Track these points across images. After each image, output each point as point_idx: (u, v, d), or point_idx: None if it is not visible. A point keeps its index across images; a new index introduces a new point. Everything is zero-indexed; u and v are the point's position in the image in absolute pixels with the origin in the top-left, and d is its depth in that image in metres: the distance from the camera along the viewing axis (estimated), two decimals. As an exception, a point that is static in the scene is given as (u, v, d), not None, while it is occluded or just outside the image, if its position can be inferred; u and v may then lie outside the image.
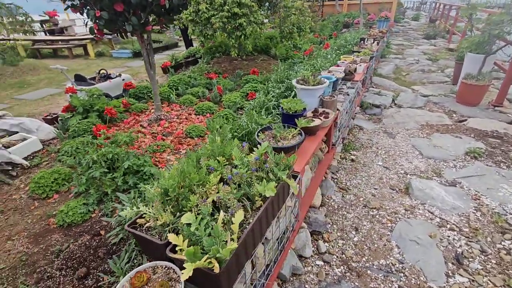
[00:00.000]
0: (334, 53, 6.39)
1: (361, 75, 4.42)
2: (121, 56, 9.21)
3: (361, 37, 7.33)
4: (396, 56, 8.89)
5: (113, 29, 3.01)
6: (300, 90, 2.83)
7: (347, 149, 3.68)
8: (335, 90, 3.78)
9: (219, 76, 5.92)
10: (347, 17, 11.85)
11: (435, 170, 3.18)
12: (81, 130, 3.37)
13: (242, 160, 1.53)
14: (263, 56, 7.39)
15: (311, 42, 9.51)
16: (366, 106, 4.90)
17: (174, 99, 4.64)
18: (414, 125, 4.30)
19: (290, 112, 2.54)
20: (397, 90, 5.81)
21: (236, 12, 4.85)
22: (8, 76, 6.71)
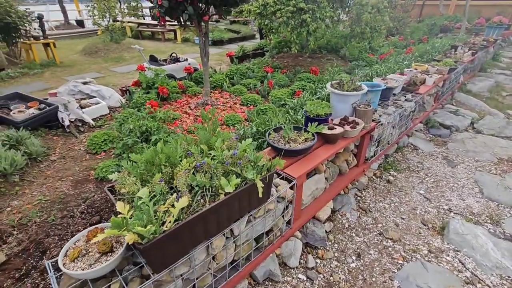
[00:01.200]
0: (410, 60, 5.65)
1: (429, 88, 3.82)
2: (201, 43, 10.10)
3: (453, 44, 6.26)
4: (502, 72, 7.25)
5: (174, 16, 3.34)
6: (333, 94, 2.64)
7: (386, 167, 3.27)
8: (388, 100, 3.38)
9: (278, 70, 5.93)
10: (448, 20, 10.15)
11: (492, 215, 2.57)
12: (139, 103, 3.90)
13: (221, 152, 1.55)
14: (331, 56, 7.03)
15: (394, 45, 8.57)
16: (432, 125, 4.21)
17: (226, 88, 4.88)
18: (489, 158, 3.50)
19: (311, 115, 2.41)
20: (483, 112, 4.78)
21: (301, 7, 4.73)
22: (111, 51, 8.16)
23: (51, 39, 7.12)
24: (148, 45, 9.87)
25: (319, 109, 2.40)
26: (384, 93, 3.32)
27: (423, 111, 4.22)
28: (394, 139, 3.46)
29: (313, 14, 4.86)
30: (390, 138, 3.32)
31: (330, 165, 2.59)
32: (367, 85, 3.16)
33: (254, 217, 1.70)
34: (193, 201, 1.36)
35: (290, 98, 4.33)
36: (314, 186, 2.35)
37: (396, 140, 3.55)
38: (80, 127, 3.51)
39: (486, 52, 7.18)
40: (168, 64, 5.26)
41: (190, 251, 1.35)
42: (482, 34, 8.75)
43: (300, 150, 2.08)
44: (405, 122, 3.59)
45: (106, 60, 7.58)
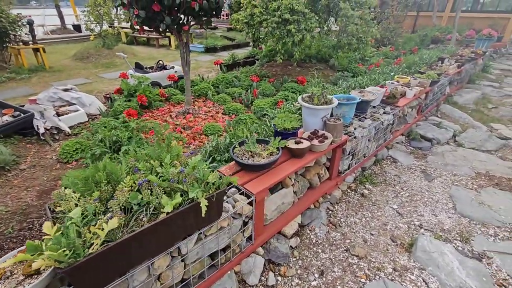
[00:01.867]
0: (398, 71, 5.68)
1: (409, 101, 3.83)
2: (195, 50, 10.13)
3: (440, 56, 6.30)
4: (490, 84, 7.29)
5: (152, 26, 3.34)
6: (303, 107, 2.63)
7: (362, 181, 3.24)
8: (365, 112, 3.38)
9: (265, 79, 5.94)
10: (439, 31, 10.26)
11: (463, 232, 2.53)
12: (118, 111, 3.89)
13: (168, 169, 1.53)
14: (321, 65, 7.06)
15: (385, 55, 8.63)
16: (414, 137, 4.20)
17: (211, 96, 4.88)
18: (467, 172, 3.48)
19: (278, 129, 2.39)
20: (467, 125, 4.79)
21: (287, 18, 4.77)
22: (103, 57, 8.18)
23: (40, 44, 7.14)
24: (142, 51, 9.92)
25: (287, 122, 2.39)
26: (360, 106, 3.32)
27: (405, 123, 4.21)
28: (371, 152, 3.44)
29: (298, 25, 4.89)
30: (366, 151, 3.30)
31: (299, 179, 2.57)
32: (343, 98, 3.17)
33: (205, 235, 1.66)
34: (131, 220, 1.33)
35: (272, 108, 4.32)
36: (280, 201, 2.32)
37: (374, 153, 3.53)
38: (56, 135, 3.49)
39: (474, 64, 7.23)
40: (154, 72, 5.27)
41: (127, 272, 1.32)
42: (473, 45, 8.83)
43: (263, 165, 2.06)
44: (383, 135, 3.58)
45: (96, 66, 7.59)
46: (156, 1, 3.03)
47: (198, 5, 3.05)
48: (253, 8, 5.21)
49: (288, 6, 4.74)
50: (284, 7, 4.78)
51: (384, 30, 9.59)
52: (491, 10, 12.64)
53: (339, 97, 3.16)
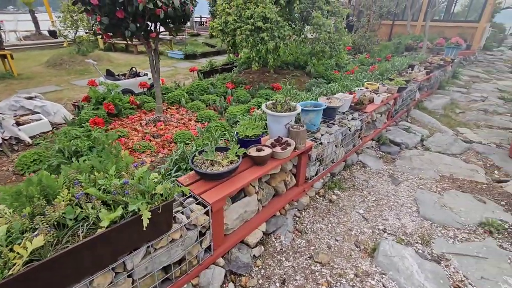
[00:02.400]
0: (371, 78, 5.84)
1: (377, 107, 3.92)
2: (174, 57, 10.05)
3: (410, 63, 6.55)
4: (458, 89, 7.63)
5: (117, 33, 3.28)
6: (267, 115, 2.63)
7: (331, 186, 3.27)
8: (333, 119, 3.43)
9: (242, 86, 5.95)
10: (412, 39, 10.69)
11: (424, 236, 2.59)
12: (84, 120, 3.76)
13: (111, 180, 1.47)
14: (298, 72, 7.17)
15: (361, 62, 8.88)
16: (383, 142, 4.30)
17: (184, 103, 4.83)
18: (432, 175, 3.59)
19: (240, 136, 2.38)
20: (434, 129, 4.96)
21: (259, 26, 4.81)
22: (77, 63, 7.97)
23: (8, 51, 6.86)
24: (119, 58, 9.74)
25: (249, 130, 2.38)
26: (328, 112, 3.38)
27: (374, 129, 4.31)
28: (340, 158, 3.49)
29: (272, 32, 4.95)
30: (335, 156, 3.34)
31: (264, 186, 2.55)
32: (310, 105, 3.21)
33: (154, 248, 1.61)
34: (65, 236, 1.27)
35: (245, 115, 4.31)
36: (243, 209, 2.29)
37: (343, 158, 3.58)
38: (15, 146, 3.32)
39: (443, 71, 7.55)
40: (127, 79, 5.16)
41: (59, 292, 1.24)
42: (443, 53, 9.25)
43: (222, 174, 2.03)
44: (351, 140, 3.64)
45: (69, 73, 7.37)
46: (120, 8, 2.98)
47: (163, 13, 3.03)
48: (227, 16, 5.23)
49: (260, 14, 4.80)
50: (257, 15, 4.83)
51: (360, 38, 9.89)
52: (461, 20, 13.32)
53: (307, 104, 3.20)
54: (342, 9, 6.05)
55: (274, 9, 4.90)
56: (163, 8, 3.05)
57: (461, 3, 14.23)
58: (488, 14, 12.12)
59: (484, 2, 11.91)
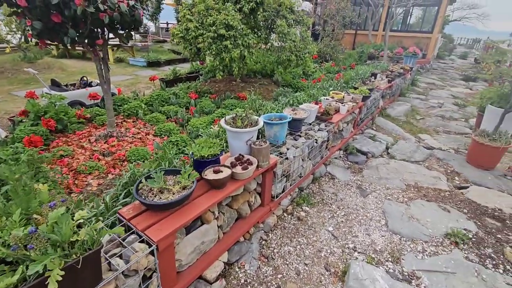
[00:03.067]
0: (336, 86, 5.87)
1: (343, 117, 3.86)
2: (136, 65, 9.51)
3: (372, 71, 6.72)
4: (417, 96, 8.02)
5: (56, 39, 2.87)
6: (227, 131, 2.40)
7: (299, 202, 3.11)
8: (299, 131, 3.29)
9: (207, 96, 5.68)
10: (374, 48, 11.18)
11: (394, 252, 2.49)
12: (19, 138, 3.26)
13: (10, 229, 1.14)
14: (265, 80, 7.06)
15: (328, 70, 9.03)
16: (350, 151, 4.26)
17: (142, 116, 4.44)
18: (398, 184, 3.58)
19: (195, 157, 2.12)
20: (398, 137, 5.06)
21: (222, 34, 4.61)
22: (22, 72, 7.17)
23: None
24: (73, 66, 8.98)
25: (204, 149, 2.13)
26: (294, 124, 3.23)
27: (341, 138, 4.26)
28: (308, 171, 3.35)
29: (235, 40, 4.77)
30: (302, 170, 3.19)
31: (225, 210, 2.30)
32: (275, 117, 3.04)
33: (78, 308, 1.28)
34: None
35: (208, 127, 4.05)
36: (199, 240, 2.02)
37: (311, 171, 3.45)
38: None
39: (403, 79, 7.90)
40: (76, 89, 4.66)
41: None
42: (402, 62, 9.73)
43: (172, 203, 1.75)
44: (318, 152, 3.53)
45: (11, 82, 6.59)
46: (56, 11, 2.60)
47: (108, 17, 2.70)
48: (188, 23, 4.97)
49: (223, 21, 4.60)
50: (220, 22, 4.63)
51: (325, 47, 10.11)
52: (416, 30, 14.25)
53: (271, 116, 3.03)
54: (307, 18, 6.06)
55: (237, 17, 4.74)
56: (108, 12, 2.72)
57: (416, 15, 15.30)
58: (439, 25, 13.09)
59: (435, 14, 12.85)
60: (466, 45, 35.86)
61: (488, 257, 2.45)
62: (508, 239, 2.68)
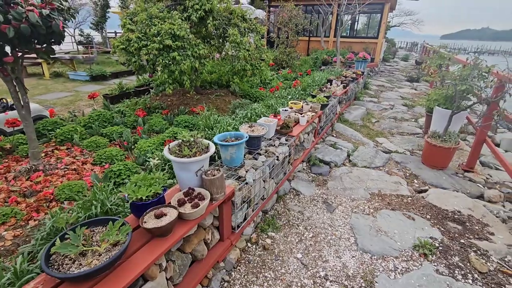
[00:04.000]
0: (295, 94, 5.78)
1: (303, 128, 3.70)
2: (78, 79, 8.56)
3: (328, 78, 6.80)
4: (371, 99, 8.35)
5: None
6: (173, 162, 2.04)
7: (264, 228, 2.83)
8: (258, 148, 3.03)
9: (159, 111, 5.19)
10: (327, 54, 11.54)
11: (366, 275, 2.32)
12: None
13: None
14: (222, 91, 6.76)
15: (285, 78, 9.03)
16: (313, 162, 4.13)
17: (78, 141, 3.83)
18: (363, 194, 3.50)
19: (130, 200, 1.72)
20: (358, 142, 5.10)
21: (169, 45, 4.21)
22: None
23: None
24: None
25: (142, 190, 1.74)
26: (252, 142, 2.97)
27: (303, 150, 4.11)
28: (271, 191, 3.10)
29: (184, 51, 4.40)
30: (265, 192, 2.93)
31: (176, 256, 1.92)
32: (231, 137, 2.74)
33: None
34: None
35: (158, 150, 3.60)
36: (142, 304, 1.62)
37: (275, 190, 3.21)
38: None
39: (357, 83, 8.16)
40: (-8, 114, 3.88)
41: None
42: (354, 66, 10.14)
43: (97, 270, 1.34)
44: (281, 169, 3.31)
45: None
46: None
47: (13, 29, 2.18)
48: (129, 33, 4.48)
49: (168, 31, 4.21)
50: (165, 32, 4.23)
51: (281, 54, 10.14)
52: (364, 36, 15.15)
53: (226, 136, 2.73)
54: (260, 26, 5.92)
55: (184, 26, 4.38)
56: (13, 24, 2.19)
57: (361, 22, 16.30)
58: (383, 31, 14.05)
59: (379, 21, 13.77)
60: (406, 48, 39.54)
61: (456, 266, 2.41)
62: (470, 243, 2.69)
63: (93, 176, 2.99)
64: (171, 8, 5.13)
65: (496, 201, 3.52)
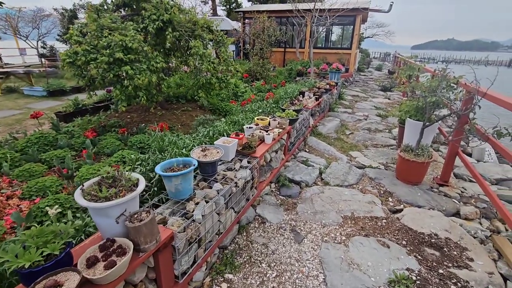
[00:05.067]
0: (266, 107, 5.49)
1: (269, 147, 3.37)
2: (32, 94, 7.86)
3: (301, 90, 6.60)
4: (345, 110, 8.26)
5: None
6: (88, 208, 1.61)
7: (220, 269, 2.43)
8: (214, 174, 2.65)
9: (115, 130, 4.70)
10: (302, 65, 11.51)
11: (336, 325, 1.97)
12: None
13: None
14: (190, 105, 6.37)
15: (259, 89, 8.79)
16: (282, 183, 3.80)
17: (7, 170, 3.28)
18: (335, 218, 3.19)
19: (9, 268, 1.28)
20: (331, 157, 4.85)
21: (120, 58, 3.80)
22: None
23: None
24: None
25: (27, 254, 1.30)
26: (206, 168, 2.59)
27: (271, 170, 3.78)
28: (230, 222, 2.71)
29: (140, 65, 4.00)
30: (221, 225, 2.54)
31: (89, 332, 1.48)
32: (178, 164, 2.36)
33: None
34: None
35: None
36: None
37: (235, 221, 2.83)
38: None
39: (331, 94, 8.06)
40: None
41: None
42: (328, 77, 10.12)
43: None
44: (243, 195, 2.94)
45: None
46: None
47: None
48: (77, 45, 4.03)
49: (119, 43, 3.81)
50: (115, 44, 3.82)
51: (255, 65, 9.95)
52: (338, 47, 15.39)
53: (172, 163, 2.35)
54: (227, 38, 5.64)
55: (138, 38, 4.00)
56: None
57: (336, 33, 16.60)
58: (356, 42, 14.33)
59: (352, 32, 14.05)
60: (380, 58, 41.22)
61: (436, 306, 2.11)
62: (449, 273, 2.42)
63: (14, 215, 2.47)
64: (127, 19, 4.74)
65: (473, 218, 3.34)
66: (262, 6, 17.59)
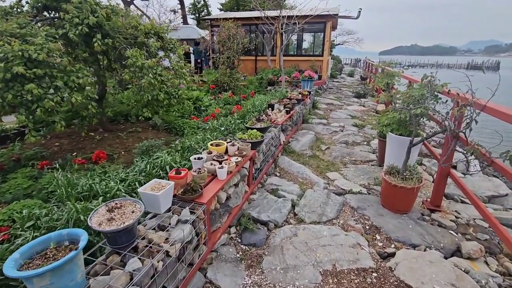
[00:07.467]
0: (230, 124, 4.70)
1: (222, 184, 2.55)
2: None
3: (269, 102, 5.88)
4: (320, 121, 7.66)
5: None
6: None
7: None
8: (131, 243, 1.77)
9: (33, 164, 3.67)
10: (272, 74, 10.91)
11: None
12: None
13: None
14: (141, 125, 5.42)
15: (226, 102, 7.99)
16: (245, 226, 2.98)
17: None
18: (312, 276, 2.41)
19: None
20: (306, 183, 4.12)
21: (20, 73, 2.84)
22: None
23: None
24: None
25: None
26: (115, 239, 1.71)
27: (229, 212, 2.95)
28: (159, 313, 1.83)
29: (52, 81, 3.05)
30: (139, 327, 1.65)
31: None
32: (58, 241, 1.47)
33: None
34: None
35: None
36: None
37: (170, 304, 1.95)
38: None
39: (303, 104, 7.44)
40: None
41: None
42: (301, 85, 9.56)
43: None
44: (181, 263, 2.08)
45: None
46: None
47: None
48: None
49: (18, 54, 2.85)
50: (14, 56, 2.86)
51: (222, 75, 9.17)
52: (310, 54, 15.06)
53: (46, 243, 1.46)
54: (179, 46, 4.82)
55: (50, 46, 3.06)
56: None
57: (308, 41, 16.33)
58: (327, 49, 14.07)
59: (323, 39, 13.77)
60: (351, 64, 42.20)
61: None
62: None
63: None
64: (45, 24, 3.78)
65: (477, 257, 2.72)
66: (230, 14, 16.99)
